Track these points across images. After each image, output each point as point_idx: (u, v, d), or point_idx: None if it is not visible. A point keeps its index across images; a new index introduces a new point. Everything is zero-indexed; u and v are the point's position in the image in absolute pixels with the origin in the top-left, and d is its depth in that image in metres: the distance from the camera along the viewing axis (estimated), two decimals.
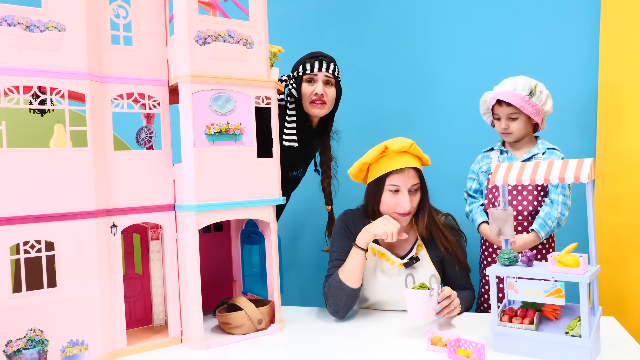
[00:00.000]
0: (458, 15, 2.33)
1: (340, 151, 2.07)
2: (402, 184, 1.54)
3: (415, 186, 1.56)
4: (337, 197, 2.06)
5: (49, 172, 1.25)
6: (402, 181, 1.54)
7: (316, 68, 1.84)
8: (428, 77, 2.38)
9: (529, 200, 1.74)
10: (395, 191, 1.55)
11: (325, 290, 1.59)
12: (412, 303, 1.40)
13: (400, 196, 1.55)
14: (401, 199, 1.55)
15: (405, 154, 1.56)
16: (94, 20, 1.32)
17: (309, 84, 1.86)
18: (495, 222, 1.35)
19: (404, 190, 1.55)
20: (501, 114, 1.79)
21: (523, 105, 1.72)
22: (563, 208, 1.70)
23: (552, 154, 1.76)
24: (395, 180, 1.54)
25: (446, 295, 1.43)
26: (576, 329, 1.17)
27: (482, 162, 1.89)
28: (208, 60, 1.40)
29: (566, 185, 1.72)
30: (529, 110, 1.73)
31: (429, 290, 1.37)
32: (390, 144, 1.54)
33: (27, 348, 1.21)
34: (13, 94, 1.22)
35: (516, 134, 1.78)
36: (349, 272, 1.52)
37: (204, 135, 1.39)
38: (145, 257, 1.56)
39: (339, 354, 1.31)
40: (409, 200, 1.54)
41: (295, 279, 2.46)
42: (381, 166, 1.57)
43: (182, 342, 1.43)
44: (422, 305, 1.38)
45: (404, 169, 1.54)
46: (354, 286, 1.51)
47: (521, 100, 1.73)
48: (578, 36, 2.13)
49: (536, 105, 1.74)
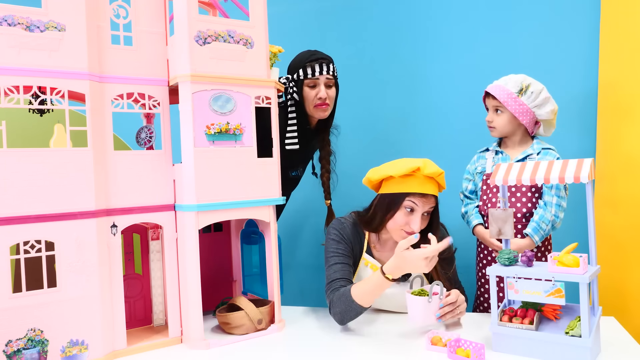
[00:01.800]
0: (458, 15, 2.33)
1: (339, 147, 2.07)
2: (420, 206, 1.52)
3: (429, 210, 1.55)
4: (336, 192, 2.06)
5: (49, 172, 1.25)
6: (421, 204, 1.52)
7: (317, 72, 1.84)
8: (427, 76, 2.38)
9: (523, 202, 1.73)
10: (411, 210, 1.53)
11: (332, 299, 1.52)
12: (411, 308, 1.41)
13: (413, 216, 1.53)
14: (413, 219, 1.52)
15: (432, 180, 1.54)
16: (94, 20, 1.32)
17: (311, 88, 1.86)
18: (495, 222, 1.35)
19: (419, 212, 1.53)
20: (489, 106, 1.81)
21: (507, 101, 1.72)
22: (557, 210, 1.68)
23: (547, 154, 1.75)
24: (417, 200, 1.52)
25: (450, 301, 1.43)
26: (576, 329, 1.17)
27: (478, 163, 1.88)
28: (208, 60, 1.40)
29: (561, 186, 1.71)
30: (512, 107, 1.72)
31: (427, 297, 1.38)
32: (424, 167, 1.51)
33: (27, 348, 1.21)
34: (13, 94, 1.22)
35: (499, 129, 1.78)
36: (365, 294, 1.44)
37: (204, 135, 1.39)
38: (145, 257, 1.56)
39: (339, 354, 1.31)
40: (419, 223, 1.53)
41: (295, 279, 2.46)
42: (406, 184, 1.53)
43: (182, 342, 1.43)
44: (420, 310, 1.39)
45: (428, 195, 1.52)
46: (366, 306, 1.46)
47: (506, 96, 1.72)
48: (578, 36, 2.13)
49: (523, 105, 1.72)
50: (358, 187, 1.82)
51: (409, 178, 1.52)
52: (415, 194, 1.51)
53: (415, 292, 1.42)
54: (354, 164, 2.32)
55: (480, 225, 1.78)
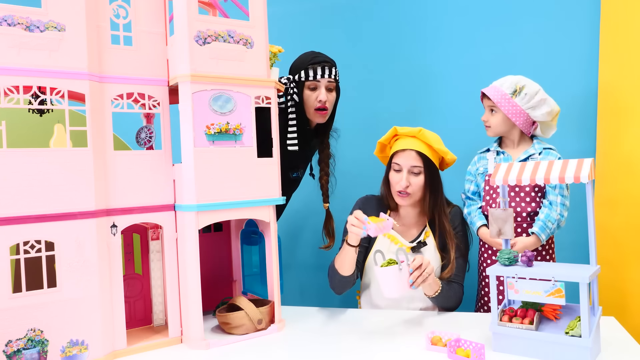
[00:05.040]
0: (458, 15, 2.33)
1: (338, 149, 2.07)
2: (402, 163, 1.68)
3: (415, 168, 1.68)
4: (335, 195, 2.06)
5: (49, 172, 1.25)
6: (402, 161, 1.68)
7: (319, 75, 1.83)
8: (428, 76, 2.38)
9: (527, 202, 1.74)
10: (398, 171, 1.69)
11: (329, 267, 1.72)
12: (384, 280, 1.40)
13: (400, 174, 1.69)
14: (399, 177, 1.69)
15: (413, 138, 1.70)
16: (94, 20, 1.32)
17: (312, 91, 1.86)
18: (495, 222, 1.35)
19: (404, 170, 1.68)
20: (485, 106, 1.85)
21: (500, 102, 1.76)
22: (562, 209, 1.70)
23: (548, 154, 1.75)
24: (398, 160, 1.70)
25: (416, 265, 1.44)
26: (576, 329, 1.17)
27: (479, 163, 1.88)
28: (208, 60, 1.40)
29: (564, 185, 1.72)
30: (505, 108, 1.75)
31: (397, 265, 1.37)
32: (400, 128, 1.72)
33: (27, 348, 1.21)
34: (13, 94, 1.22)
35: (494, 128, 1.82)
36: (340, 262, 1.62)
37: (204, 135, 1.39)
38: (145, 257, 1.56)
39: (339, 354, 1.31)
40: (405, 179, 1.67)
41: (295, 279, 2.46)
42: (392, 147, 1.75)
43: (182, 342, 1.43)
44: (394, 280, 1.38)
45: (406, 150, 1.68)
46: (344, 274, 1.62)
47: (500, 97, 1.76)
48: (578, 36, 2.13)
49: (517, 106, 1.74)
50: (358, 189, 1.83)
51: (395, 143, 1.75)
52: (398, 152, 1.70)
53: (384, 264, 1.42)
54: (353, 166, 2.33)
55: (484, 226, 1.78)
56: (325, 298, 1.74)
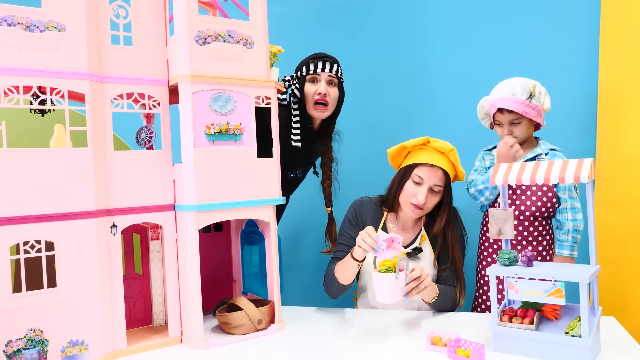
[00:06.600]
0: (458, 15, 2.33)
1: (341, 152, 2.07)
2: (426, 178, 1.61)
3: (437, 187, 1.62)
4: (338, 199, 2.06)
5: (49, 172, 1.25)
6: (427, 176, 1.61)
7: (319, 68, 1.85)
8: (428, 77, 2.38)
9: (533, 201, 1.74)
10: (418, 183, 1.62)
11: (326, 272, 1.71)
12: (379, 286, 1.40)
13: (420, 188, 1.62)
14: (420, 191, 1.62)
15: (442, 155, 1.63)
16: (94, 20, 1.32)
17: (312, 84, 1.87)
18: (495, 222, 1.35)
19: (426, 185, 1.61)
20: (503, 121, 1.77)
21: (525, 110, 1.70)
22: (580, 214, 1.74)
23: (554, 156, 1.76)
24: (422, 173, 1.62)
25: (415, 276, 1.42)
26: (576, 329, 1.17)
27: (487, 158, 1.88)
28: (208, 60, 1.40)
29: (573, 188, 1.73)
30: (531, 114, 1.71)
31: (394, 274, 1.37)
32: (433, 140, 1.63)
33: (27, 348, 1.21)
34: (13, 94, 1.22)
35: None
36: (342, 273, 1.60)
37: (204, 135, 1.39)
38: (145, 257, 1.56)
39: (339, 354, 1.31)
40: (425, 195, 1.60)
41: (295, 279, 2.46)
42: (416, 156, 1.65)
43: (182, 342, 1.43)
44: (388, 288, 1.38)
45: (434, 166, 1.61)
46: (344, 283, 1.61)
47: (522, 106, 1.70)
48: (578, 36, 2.13)
49: (537, 107, 1.73)
50: (360, 193, 1.83)
51: (420, 151, 1.65)
52: (424, 165, 1.61)
53: (382, 270, 1.42)
54: (356, 170, 2.32)
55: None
56: (326, 298, 1.74)
